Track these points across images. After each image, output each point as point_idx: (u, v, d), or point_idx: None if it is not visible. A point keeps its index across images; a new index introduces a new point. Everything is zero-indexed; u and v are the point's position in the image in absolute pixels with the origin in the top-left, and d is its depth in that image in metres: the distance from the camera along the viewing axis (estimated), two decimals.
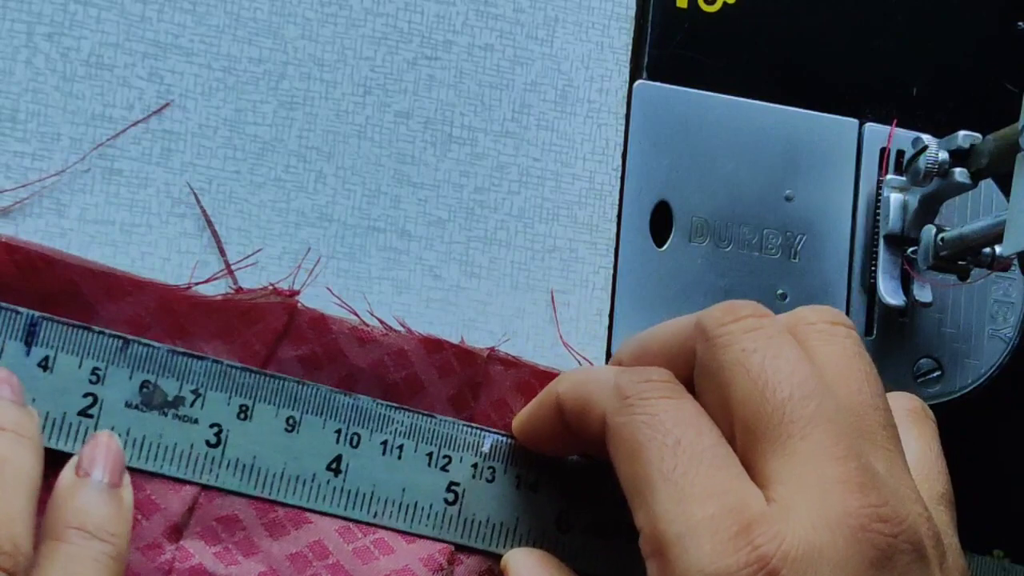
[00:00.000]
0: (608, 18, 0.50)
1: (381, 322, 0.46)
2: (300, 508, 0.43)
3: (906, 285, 0.50)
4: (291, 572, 0.43)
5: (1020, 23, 0.53)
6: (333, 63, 0.47)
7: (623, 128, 0.50)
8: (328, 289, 0.46)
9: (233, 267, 0.45)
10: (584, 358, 0.48)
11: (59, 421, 0.41)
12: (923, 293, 0.50)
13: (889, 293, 0.50)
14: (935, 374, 0.51)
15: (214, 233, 0.45)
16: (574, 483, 0.46)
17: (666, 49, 0.50)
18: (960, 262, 0.48)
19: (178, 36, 0.46)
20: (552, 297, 0.48)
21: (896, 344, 0.51)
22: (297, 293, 0.45)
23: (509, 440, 0.45)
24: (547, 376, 0.46)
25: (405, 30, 0.48)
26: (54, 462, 0.41)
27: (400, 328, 0.46)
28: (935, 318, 0.51)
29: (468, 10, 0.49)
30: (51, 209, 0.44)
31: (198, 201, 0.45)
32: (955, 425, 0.51)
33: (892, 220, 0.50)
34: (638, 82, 0.50)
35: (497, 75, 0.49)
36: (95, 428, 0.41)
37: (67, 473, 0.40)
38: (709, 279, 0.49)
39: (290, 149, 0.46)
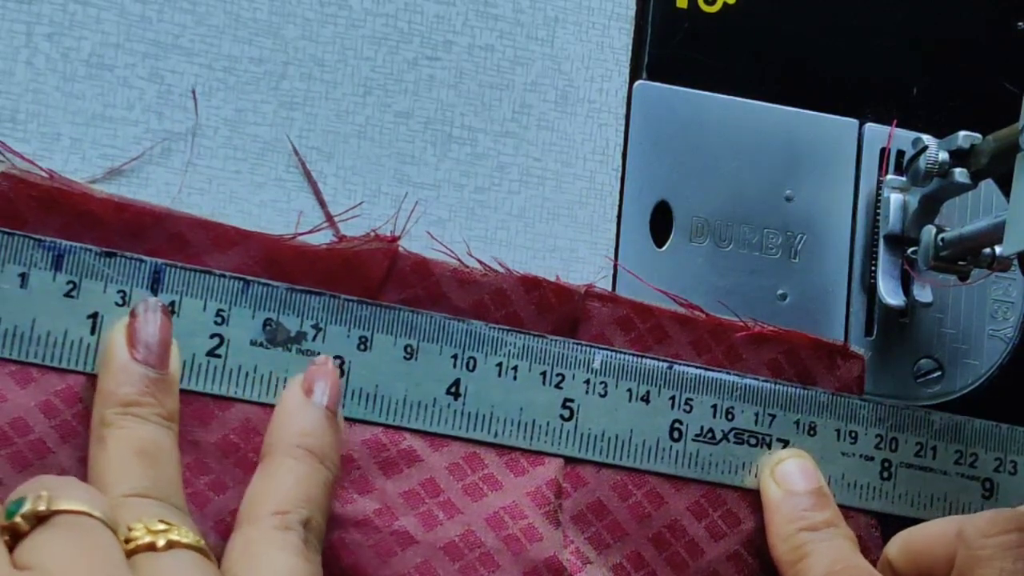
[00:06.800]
0: (608, 18, 0.50)
1: (480, 263, 0.46)
2: (424, 432, 0.44)
3: (906, 285, 0.50)
4: (405, 509, 0.43)
5: (1020, 23, 0.53)
6: (333, 63, 0.47)
7: (623, 128, 0.50)
8: (428, 233, 0.47)
9: (336, 219, 0.46)
10: None
11: (189, 362, 0.42)
12: (923, 293, 0.50)
13: (889, 293, 0.50)
14: (935, 374, 0.51)
15: (313, 184, 0.46)
16: (683, 394, 0.47)
17: (666, 49, 0.50)
18: (960, 262, 0.48)
19: (178, 36, 0.46)
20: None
21: (896, 344, 0.51)
22: (398, 238, 0.45)
23: (619, 355, 0.46)
24: (647, 311, 0.47)
25: (405, 30, 0.48)
26: (187, 403, 0.42)
27: (499, 268, 0.46)
28: (935, 318, 0.51)
29: (468, 10, 0.49)
30: None
31: (296, 153, 0.46)
32: None
33: (892, 220, 0.50)
34: (638, 82, 0.50)
35: (497, 75, 0.49)
36: (223, 367, 0.43)
37: (295, 392, 0.42)
38: (709, 279, 0.49)
39: (291, 149, 0.46)
